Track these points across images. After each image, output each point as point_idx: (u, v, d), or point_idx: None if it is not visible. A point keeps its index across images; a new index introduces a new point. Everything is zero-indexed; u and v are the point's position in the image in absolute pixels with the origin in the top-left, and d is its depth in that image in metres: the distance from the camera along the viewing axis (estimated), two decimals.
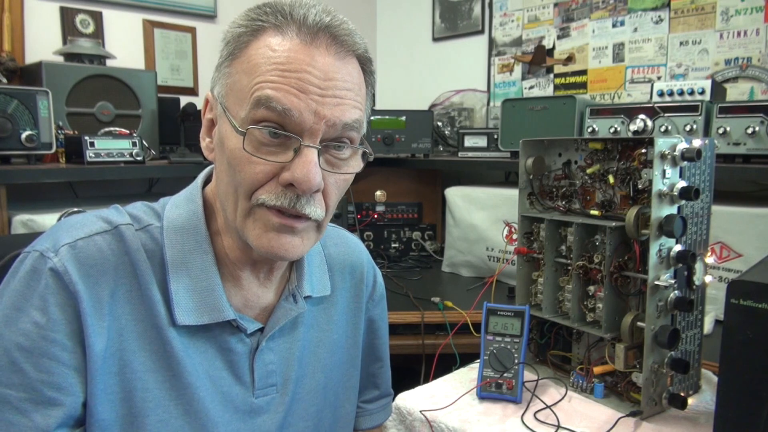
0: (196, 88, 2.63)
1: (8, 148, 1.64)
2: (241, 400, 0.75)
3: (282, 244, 0.67)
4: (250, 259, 0.74)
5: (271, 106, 0.63)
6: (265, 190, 0.65)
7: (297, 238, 0.68)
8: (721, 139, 1.51)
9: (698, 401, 1.05)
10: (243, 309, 0.75)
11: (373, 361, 0.97)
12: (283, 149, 0.65)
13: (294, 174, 0.63)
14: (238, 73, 0.66)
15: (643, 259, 0.99)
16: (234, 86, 0.67)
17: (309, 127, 0.64)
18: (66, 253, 0.65)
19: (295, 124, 0.64)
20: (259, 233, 0.67)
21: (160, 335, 0.68)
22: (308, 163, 0.63)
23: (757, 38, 1.97)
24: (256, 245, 0.67)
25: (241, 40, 0.67)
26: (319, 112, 0.64)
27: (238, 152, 0.65)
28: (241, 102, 0.65)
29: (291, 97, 0.63)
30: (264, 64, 0.64)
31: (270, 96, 0.62)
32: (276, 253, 0.67)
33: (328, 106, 0.64)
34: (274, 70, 0.63)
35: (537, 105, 1.90)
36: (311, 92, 0.63)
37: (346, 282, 0.89)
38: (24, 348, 0.62)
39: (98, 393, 0.65)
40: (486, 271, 2.00)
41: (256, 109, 0.63)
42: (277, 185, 0.65)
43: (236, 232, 0.70)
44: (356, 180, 2.73)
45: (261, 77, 0.63)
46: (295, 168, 0.64)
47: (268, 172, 0.65)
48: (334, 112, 0.65)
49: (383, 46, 3.24)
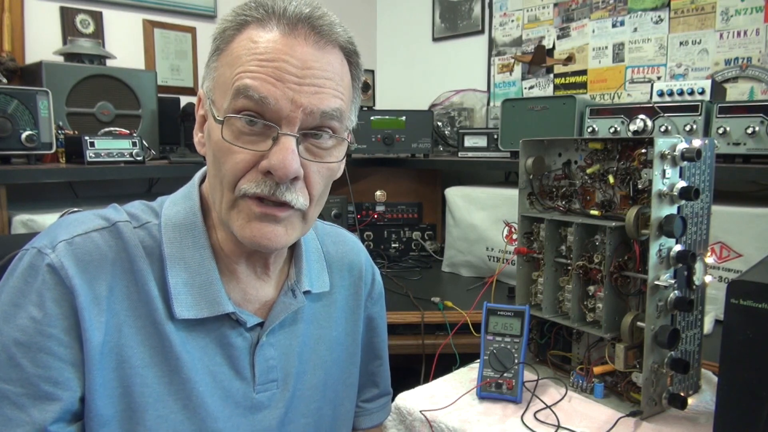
0: (196, 88, 2.63)
1: (8, 148, 1.64)
2: (242, 396, 0.75)
3: (264, 233, 0.68)
4: (243, 251, 0.74)
5: (249, 95, 0.64)
6: (246, 179, 0.66)
7: (280, 227, 0.69)
8: (721, 139, 1.51)
9: (698, 401, 1.05)
10: (242, 303, 0.76)
11: (372, 360, 0.97)
12: (262, 138, 0.66)
13: (271, 161, 0.64)
14: (223, 66, 0.68)
15: (643, 259, 0.99)
16: (219, 79, 0.68)
17: (286, 115, 0.65)
18: (63, 250, 0.65)
19: (272, 113, 0.65)
20: (243, 223, 0.68)
21: (158, 330, 0.69)
22: (285, 150, 0.64)
23: (757, 38, 1.97)
24: (240, 235, 0.68)
25: (226, 35, 0.68)
26: (296, 100, 0.64)
27: (219, 143, 0.66)
28: (224, 94, 0.66)
29: (268, 86, 0.64)
30: (245, 56, 0.65)
31: (248, 85, 0.64)
32: (259, 242, 0.68)
33: (305, 94, 0.65)
34: (253, 61, 0.64)
35: (537, 105, 1.90)
36: (288, 81, 0.64)
37: (345, 280, 0.90)
38: (21, 343, 0.62)
39: (97, 388, 0.65)
40: (486, 271, 2.00)
41: (236, 98, 0.65)
42: (258, 173, 0.66)
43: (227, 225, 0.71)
44: (356, 180, 2.70)
45: (241, 68, 0.65)
46: (272, 155, 0.64)
47: (248, 161, 0.66)
48: (311, 100, 0.65)
49: (383, 46, 3.23)
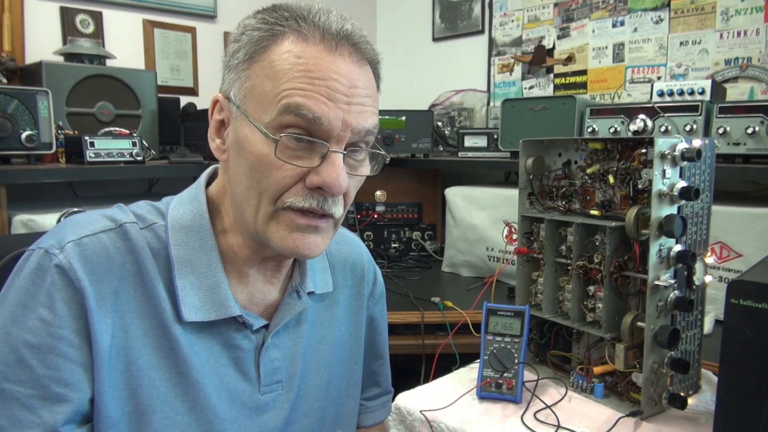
0: (196, 88, 2.63)
1: (8, 148, 1.64)
2: (248, 397, 0.75)
3: (306, 243, 0.69)
4: (259, 257, 0.75)
5: (301, 114, 0.64)
6: (291, 193, 0.67)
7: (319, 237, 0.71)
8: (721, 139, 1.51)
9: (698, 401, 1.05)
10: (248, 306, 0.76)
11: (374, 359, 0.98)
12: (308, 153, 0.67)
13: (324, 179, 0.66)
14: (260, 77, 0.67)
15: (643, 259, 0.99)
16: (255, 90, 0.67)
17: (337, 134, 0.66)
18: (71, 250, 0.65)
19: (323, 132, 0.66)
20: (284, 234, 0.69)
21: (166, 332, 0.69)
22: (337, 167, 0.66)
23: (757, 38, 1.97)
24: (281, 246, 0.69)
25: (261, 44, 0.67)
26: (346, 120, 0.66)
27: (266, 158, 0.66)
28: (265, 107, 0.66)
29: (321, 106, 0.64)
30: (290, 71, 0.65)
31: (300, 104, 0.64)
32: (301, 252, 0.70)
33: (353, 114, 0.67)
34: (302, 77, 0.64)
35: (537, 105, 1.90)
36: (339, 100, 0.65)
37: (347, 280, 0.90)
38: (31, 345, 0.62)
39: (105, 390, 0.65)
40: (486, 271, 2.00)
41: (284, 115, 0.65)
42: (304, 188, 0.67)
43: (249, 233, 0.71)
44: None
45: (289, 84, 0.64)
46: (324, 173, 0.66)
47: (295, 176, 0.67)
48: (358, 119, 0.67)
49: (383, 46, 3.23)
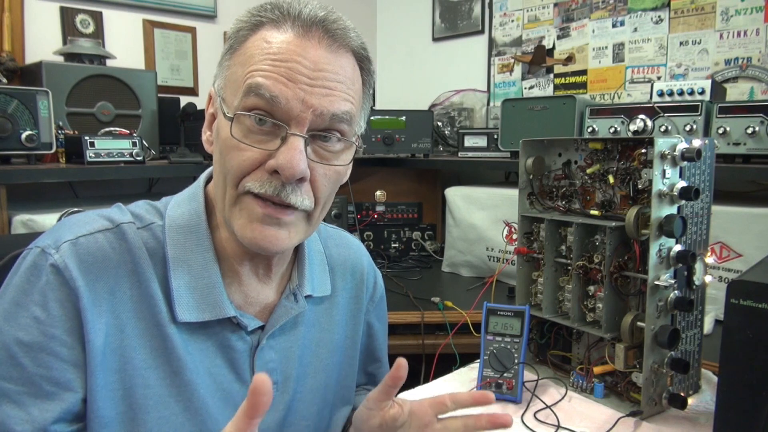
0: (196, 88, 2.63)
1: (8, 148, 1.64)
2: (242, 398, 0.74)
3: (266, 236, 0.67)
4: (247, 253, 0.74)
5: (260, 93, 0.64)
6: (251, 177, 0.66)
7: (283, 231, 0.68)
8: (721, 139, 1.51)
9: (698, 401, 1.04)
10: (244, 306, 0.76)
11: (372, 362, 0.98)
12: (271, 137, 0.66)
13: (278, 160, 0.64)
14: (235, 65, 0.68)
15: (643, 259, 0.99)
16: (230, 77, 0.68)
17: (296, 115, 0.65)
18: (67, 250, 0.65)
19: (282, 112, 0.65)
20: (244, 223, 0.67)
21: (160, 332, 0.69)
22: (292, 149, 0.64)
23: (757, 38, 1.97)
24: (241, 235, 0.68)
25: (240, 35, 0.69)
26: (306, 100, 0.65)
27: (228, 140, 0.66)
28: (235, 91, 0.67)
29: (279, 85, 0.64)
30: (258, 55, 0.66)
31: (259, 83, 0.64)
32: (260, 244, 0.68)
33: (316, 95, 0.65)
34: (266, 60, 0.65)
35: (537, 105, 1.90)
36: (300, 81, 0.64)
37: (347, 283, 0.90)
38: (23, 343, 0.62)
39: (99, 389, 0.65)
40: (486, 271, 2.01)
41: (247, 96, 0.65)
42: (264, 172, 0.66)
43: (226, 223, 0.71)
44: (356, 180, 2.71)
45: (253, 66, 0.65)
46: (279, 155, 0.64)
47: (255, 159, 0.66)
48: (322, 102, 0.65)
49: (383, 46, 3.23)
